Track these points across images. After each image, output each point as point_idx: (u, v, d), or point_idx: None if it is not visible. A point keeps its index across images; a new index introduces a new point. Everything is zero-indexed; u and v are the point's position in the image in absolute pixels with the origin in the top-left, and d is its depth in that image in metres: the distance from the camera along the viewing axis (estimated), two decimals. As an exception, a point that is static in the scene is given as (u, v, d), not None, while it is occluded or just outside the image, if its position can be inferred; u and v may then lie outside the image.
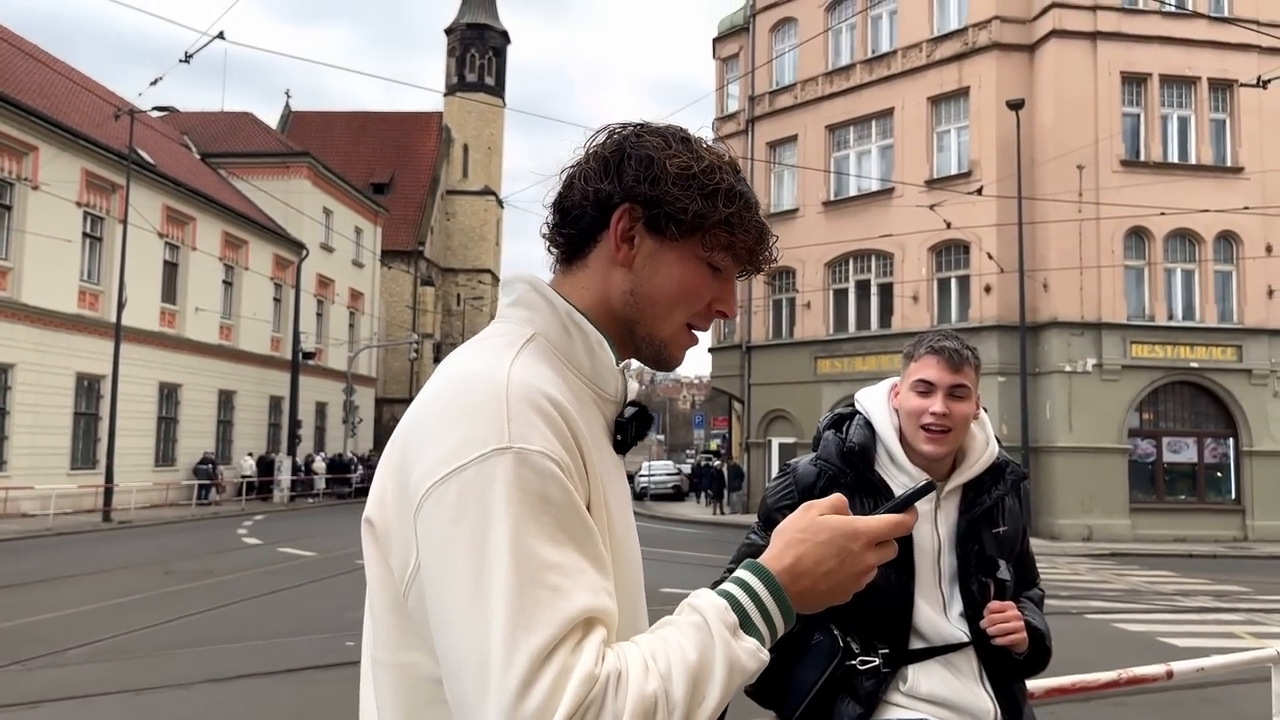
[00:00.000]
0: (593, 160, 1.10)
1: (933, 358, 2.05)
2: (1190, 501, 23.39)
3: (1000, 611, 1.96)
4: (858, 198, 27.34)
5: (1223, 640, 9.74)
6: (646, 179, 1.07)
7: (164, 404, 29.23)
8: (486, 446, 0.92)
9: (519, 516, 0.90)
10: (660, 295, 1.10)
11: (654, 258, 1.09)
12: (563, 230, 1.12)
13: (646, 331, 1.11)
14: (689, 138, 1.12)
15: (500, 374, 0.97)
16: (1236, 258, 23.43)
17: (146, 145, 28.21)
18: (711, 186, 1.08)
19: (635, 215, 1.08)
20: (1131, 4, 23.51)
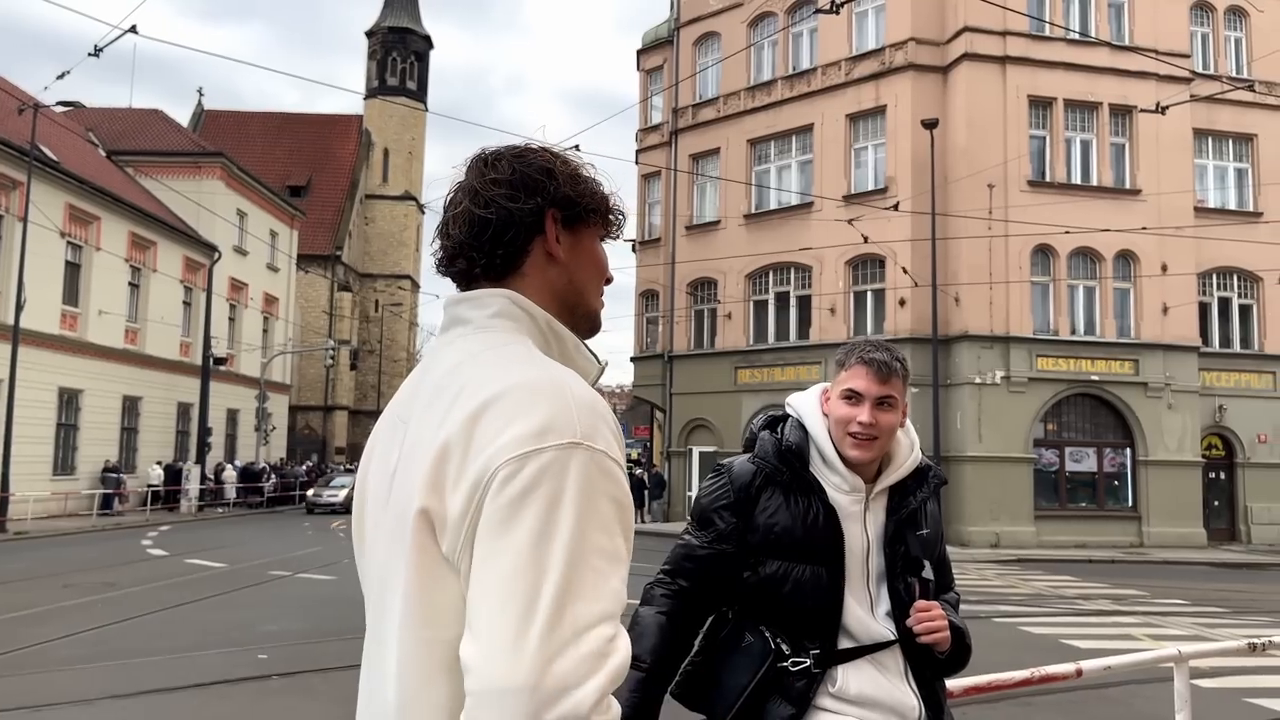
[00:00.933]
0: (499, 186, 1.23)
1: (863, 368, 2.11)
2: (1090, 509, 24.33)
3: (926, 610, 2.03)
4: (778, 211, 27.80)
5: (1122, 642, 10.17)
6: (555, 184, 1.25)
7: (64, 410, 28.06)
8: (564, 438, 1.03)
9: (585, 505, 1.02)
10: (588, 276, 1.30)
11: (575, 248, 1.28)
12: (494, 253, 1.24)
13: (585, 310, 1.30)
14: (546, 146, 1.32)
15: (561, 377, 1.11)
16: (1134, 276, 24.50)
17: (49, 141, 27.11)
18: (587, 178, 1.30)
19: (556, 218, 1.26)
20: (1039, 31, 24.46)
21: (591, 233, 1.31)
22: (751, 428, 2.28)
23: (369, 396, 59.83)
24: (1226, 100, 24.88)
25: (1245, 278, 26.27)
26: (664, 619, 2.11)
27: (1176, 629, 11.26)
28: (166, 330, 32.98)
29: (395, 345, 62.20)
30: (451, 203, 1.27)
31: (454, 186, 1.28)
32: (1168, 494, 23.92)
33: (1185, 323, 24.48)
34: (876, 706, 2.00)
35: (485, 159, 1.27)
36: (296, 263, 45.79)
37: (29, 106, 22.46)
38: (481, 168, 1.26)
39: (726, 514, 2.11)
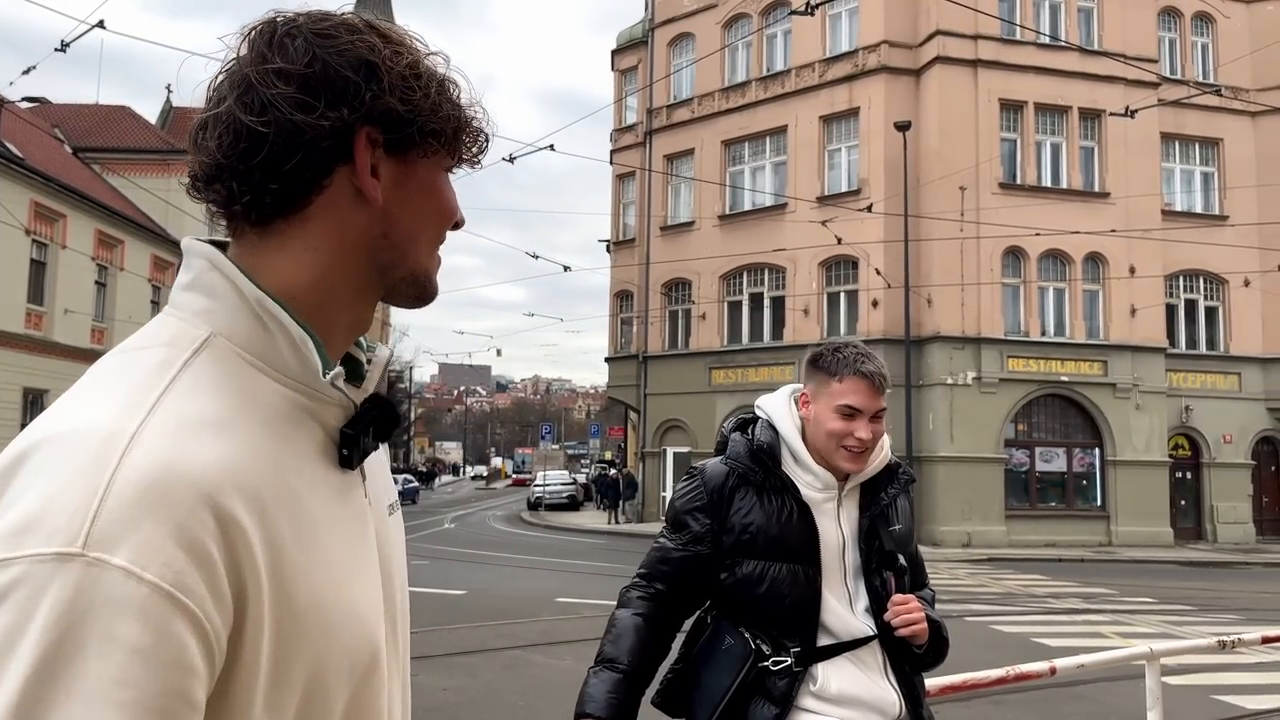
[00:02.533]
0: (284, 82, 0.81)
1: (861, 382, 2.08)
2: (1060, 508, 24.60)
3: (903, 603, 2.03)
4: (752, 212, 27.87)
5: (1091, 640, 10.27)
6: (375, 91, 0.83)
7: (29, 410, 27.60)
8: (49, 545, 0.64)
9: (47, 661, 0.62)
10: (419, 222, 0.90)
11: (402, 184, 0.88)
12: (264, 184, 0.82)
13: (408, 270, 0.90)
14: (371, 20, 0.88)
15: (119, 437, 0.70)
16: (1103, 278, 24.80)
17: (14, 137, 26.66)
18: (429, 78, 0.87)
19: (375, 140, 0.85)
20: (1010, 35, 24.69)
21: (431, 162, 0.89)
22: (723, 430, 2.28)
23: (341, 397, 59.40)
24: (1194, 105, 25.26)
25: (1211, 280, 26.67)
26: (640, 620, 2.12)
27: (1145, 627, 11.39)
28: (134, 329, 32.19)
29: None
30: (212, 99, 0.84)
31: (223, 66, 0.85)
32: (1135, 494, 24.23)
33: (1153, 324, 24.81)
34: (858, 704, 2.01)
35: (271, 32, 0.84)
36: (267, 262, 45.35)
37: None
38: (264, 47, 0.83)
39: (701, 516, 2.12)
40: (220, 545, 0.70)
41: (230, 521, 0.71)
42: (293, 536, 0.77)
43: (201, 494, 0.70)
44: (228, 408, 0.77)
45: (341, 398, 0.85)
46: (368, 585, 0.87)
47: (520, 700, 7.37)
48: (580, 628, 10.65)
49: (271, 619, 0.73)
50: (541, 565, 18.46)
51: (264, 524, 0.74)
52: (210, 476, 0.71)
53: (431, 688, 7.49)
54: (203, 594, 0.67)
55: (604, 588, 14.45)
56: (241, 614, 0.71)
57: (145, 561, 0.65)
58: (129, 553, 0.65)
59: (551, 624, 10.91)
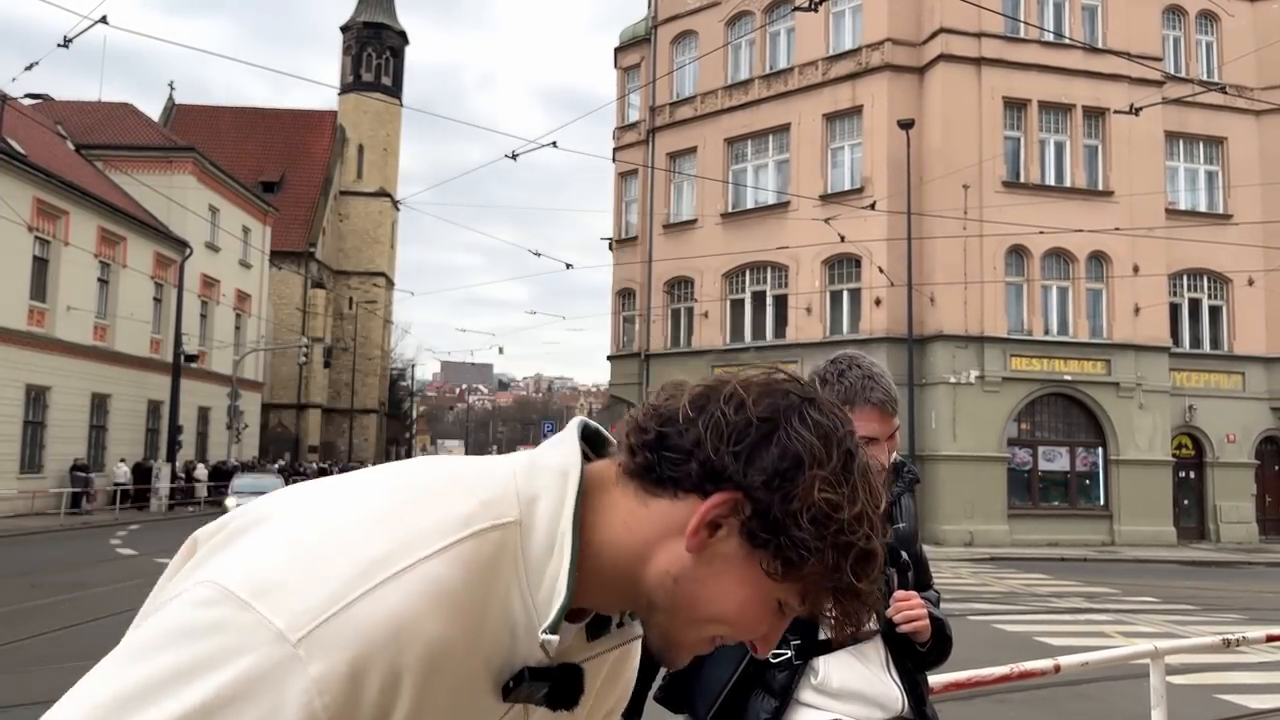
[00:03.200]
0: (735, 412, 0.83)
1: (874, 411, 2.04)
2: (1063, 508, 24.56)
3: (905, 599, 2.03)
4: (755, 210, 27.84)
5: (1094, 639, 10.24)
6: (778, 485, 0.81)
7: (31, 407, 27.63)
8: (277, 618, 0.69)
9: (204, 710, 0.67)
10: (706, 606, 0.85)
11: (727, 563, 0.83)
12: (653, 461, 0.84)
13: (664, 627, 0.86)
14: (852, 451, 0.84)
15: (383, 568, 0.73)
16: (1106, 276, 24.76)
17: (17, 134, 26.69)
18: (848, 540, 0.82)
19: (738, 511, 0.82)
20: (1014, 32, 24.65)
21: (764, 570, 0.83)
22: None
23: (342, 394, 59.42)
24: (1197, 103, 25.21)
25: (1215, 279, 26.62)
26: None
27: (1148, 626, 11.37)
28: (136, 327, 32.56)
29: (369, 343, 61.79)
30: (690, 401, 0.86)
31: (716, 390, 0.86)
32: (1138, 493, 24.19)
33: (1156, 323, 24.76)
34: (859, 698, 1.99)
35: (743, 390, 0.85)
36: (269, 259, 45.40)
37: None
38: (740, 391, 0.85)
39: None
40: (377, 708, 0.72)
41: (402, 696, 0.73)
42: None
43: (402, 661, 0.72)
44: (475, 599, 0.77)
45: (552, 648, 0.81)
46: None
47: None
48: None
49: None
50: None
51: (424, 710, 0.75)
52: (418, 652, 0.73)
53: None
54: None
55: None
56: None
57: (326, 686, 0.69)
58: (322, 670, 0.69)
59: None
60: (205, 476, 34.18)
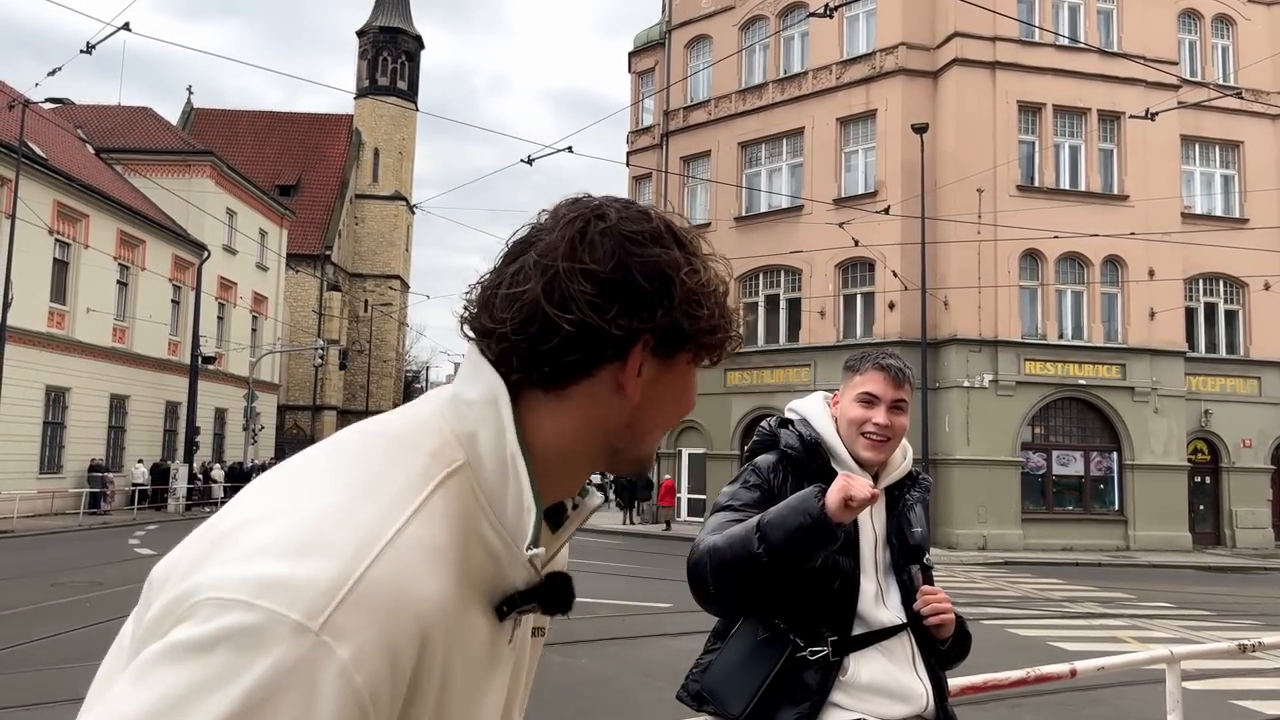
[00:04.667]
0: (589, 281, 0.86)
1: (878, 373, 2.22)
2: (1077, 512, 24.47)
3: (933, 594, 2.14)
4: (768, 214, 27.87)
5: (1109, 644, 10.24)
6: (665, 306, 0.88)
7: (50, 408, 27.88)
8: (293, 610, 0.69)
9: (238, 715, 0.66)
10: (658, 418, 0.94)
11: (657, 382, 0.91)
12: (540, 366, 0.87)
13: (634, 454, 0.94)
14: (668, 223, 0.92)
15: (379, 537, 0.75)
16: (1121, 280, 24.67)
17: (38, 138, 26.96)
18: (719, 300, 0.92)
19: (648, 345, 0.89)
20: (1028, 36, 24.61)
21: (688, 363, 0.93)
22: (765, 427, 2.36)
23: (358, 396, 59.68)
24: (1213, 107, 25.08)
25: (1231, 283, 26.49)
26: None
27: (1163, 632, 11.35)
28: (155, 329, 32.82)
29: (384, 345, 62.05)
30: (516, 270, 0.89)
31: (530, 235, 0.91)
32: (1153, 498, 24.07)
33: (1172, 328, 24.65)
34: (887, 694, 2.07)
35: (585, 226, 0.88)
36: (286, 262, 45.68)
37: (18, 103, 22.32)
38: (576, 239, 0.87)
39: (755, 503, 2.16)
40: (412, 672, 0.75)
41: (429, 656, 0.76)
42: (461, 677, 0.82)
43: (420, 624, 0.75)
44: (454, 544, 0.82)
45: (538, 563, 0.87)
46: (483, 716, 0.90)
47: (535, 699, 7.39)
48: (596, 627, 10.69)
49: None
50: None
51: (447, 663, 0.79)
52: (428, 611, 0.76)
53: (450, 685, 7.54)
54: (383, 710, 0.72)
55: (620, 588, 14.48)
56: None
57: (361, 663, 0.70)
58: (352, 650, 0.69)
59: (567, 624, 10.93)
60: (222, 477, 34.39)
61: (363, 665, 0.69)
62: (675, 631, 10.00)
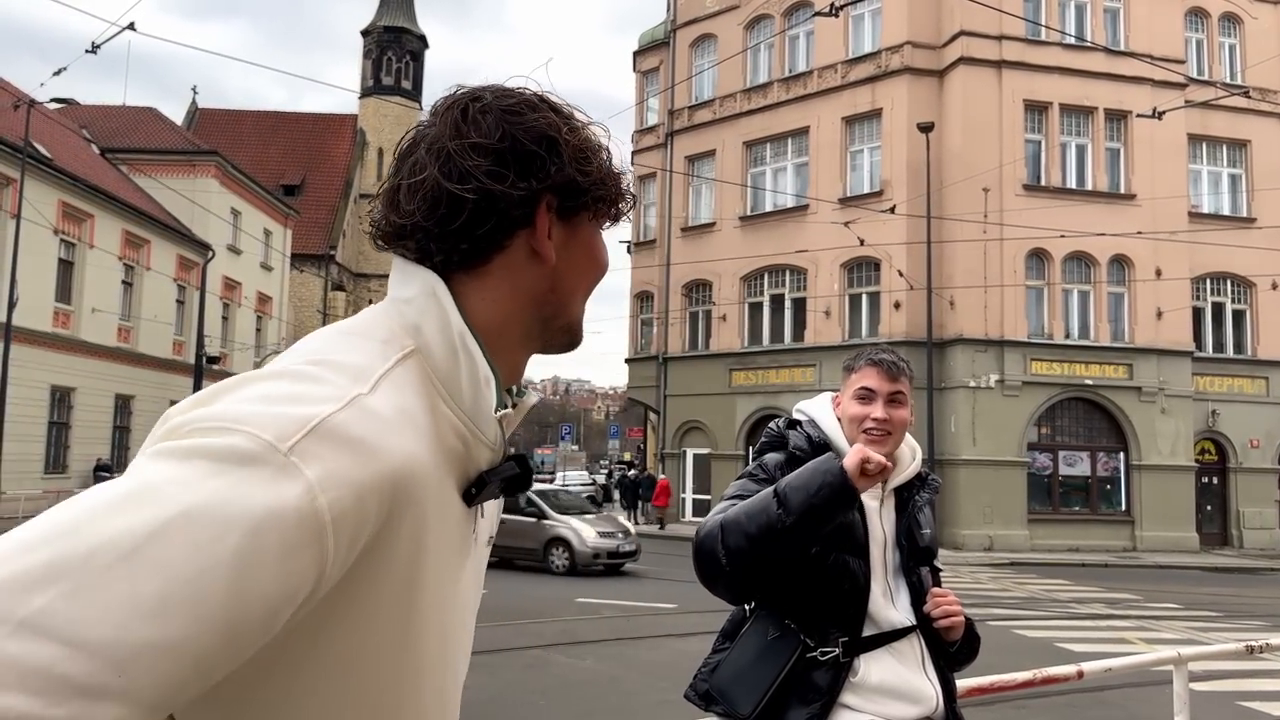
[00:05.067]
0: (481, 155, 0.91)
1: (872, 368, 2.22)
2: (1083, 513, 24.39)
3: (943, 596, 2.13)
4: (773, 213, 27.83)
5: (1116, 645, 10.19)
6: (557, 163, 0.94)
7: (56, 408, 27.93)
8: (265, 431, 0.72)
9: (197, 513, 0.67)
10: (577, 279, 1.00)
11: (568, 244, 0.98)
12: (458, 245, 0.93)
13: (566, 320, 1.00)
14: (538, 94, 0.98)
15: (368, 376, 0.82)
16: (1128, 280, 24.58)
17: (43, 138, 26.99)
18: (598, 151, 0.99)
19: (552, 206, 0.95)
20: (1035, 35, 24.53)
21: (592, 224, 1.00)
22: (774, 428, 2.36)
23: (362, 396, 59.75)
24: (1221, 106, 24.97)
25: (1238, 283, 26.39)
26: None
27: (1170, 633, 11.29)
28: (160, 329, 32.87)
29: (389, 345, 62.18)
30: (412, 164, 0.94)
31: (416, 135, 0.97)
32: (1160, 498, 23.99)
33: (1179, 327, 24.57)
34: (896, 695, 2.06)
35: (464, 107, 0.94)
36: (290, 262, 45.72)
37: (23, 103, 22.35)
38: (459, 120, 0.93)
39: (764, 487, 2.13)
40: (380, 522, 0.78)
41: (399, 511, 0.79)
42: (436, 554, 0.85)
43: (391, 477, 0.78)
44: (424, 412, 0.86)
45: (496, 440, 0.93)
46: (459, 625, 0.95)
47: (541, 699, 7.40)
48: (600, 628, 10.68)
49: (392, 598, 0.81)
50: (561, 565, 18.45)
51: (418, 532, 0.82)
52: (398, 465, 0.79)
53: (453, 686, 7.52)
54: (343, 544, 0.74)
55: (625, 589, 14.47)
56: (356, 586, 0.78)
57: (326, 487, 0.72)
58: (318, 473, 0.72)
59: (572, 624, 10.94)
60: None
61: (328, 489, 0.72)
62: (680, 632, 9.98)
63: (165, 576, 0.65)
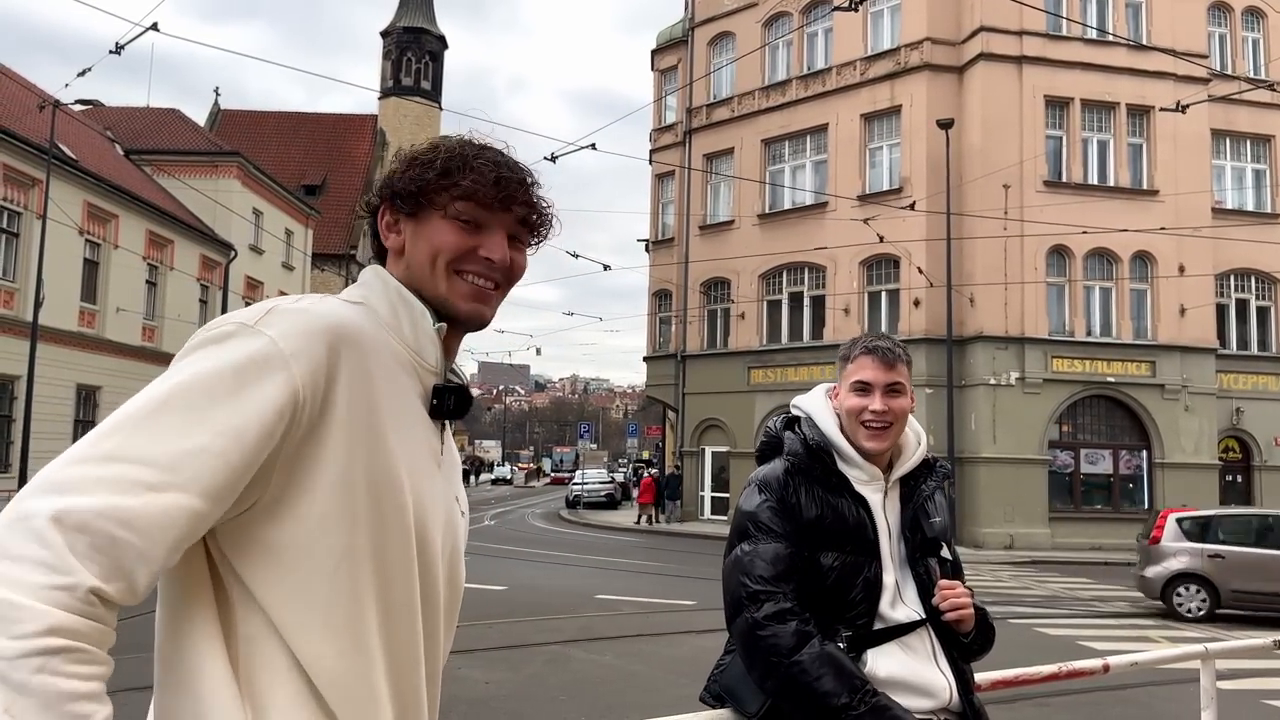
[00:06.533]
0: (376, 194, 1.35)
1: (868, 358, 2.16)
2: (1105, 511, 24.21)
3: (951, 588, 2.07)
4: (792, 211, 27.77)
5: (1138, 644, 10.13)
6: (390, 179, 1.31)
7: (81, 406, 28.24)
8: (243, 319, 1.11)
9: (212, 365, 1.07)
10: (421, 261, 1.28)
11: (414, 235, 1.29)
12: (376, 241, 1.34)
13: (429, 294, 1.28)
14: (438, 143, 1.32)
15: (303, 299, 1.16)
16: (1151, 277, 24.38)
17: (68, 139, 27.29)
18: (427, 159, 1.28)
19: (394, 210, 1.30)
20: (1056, 30, 24.36)
21: (437, 213, 1.28)
22: (771, 428, 2.31)
23: (382, 395, 60.04)
24: (1244, 101, 24.72)
25: (1263, 279, 26.11)
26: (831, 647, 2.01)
27: (1194, 631, 11.21)
28: (183, 328, 33.13)
29: (408, 344, 62.45)
30: None
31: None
32: (1184, 496, 23.69)
33: (1203, 324, 24.34)
34: (906, 688, 2.01)
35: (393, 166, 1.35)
36: (311, 261, 46.01)
37: (48, 104, 22.61)
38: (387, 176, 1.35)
39: (778, 519, 2.10)
40: (328, 360, 1.12)
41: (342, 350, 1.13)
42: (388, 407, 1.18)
43: (334, 331, 1.14)
44: (366, 323, 1.21)
45: (437, 363, 1.28)
46: (432, 503, 1.24)
47: (562, 694, 7.43)
48: (620, 624, 10.71)
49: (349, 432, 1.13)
50: (581, 562, 18.55)
51: (364, 375, 1.15)
52: (338, 322, 1.15)
53: (474, 680, 7.58)
54: (305, 373, 1.09)
55: (645, 585, 14.50)
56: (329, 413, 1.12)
57: (283, 338, 1.10)
58: (276, 331, 1.10)
59: (592, 620, 10.98)
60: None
61: (284, 339, 1.09)
62: (700, 629, 10.00)
63: (189, 409, 1.04)
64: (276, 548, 1.09)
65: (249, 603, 1.10)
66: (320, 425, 1.10)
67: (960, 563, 2.31)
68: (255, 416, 1.04)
